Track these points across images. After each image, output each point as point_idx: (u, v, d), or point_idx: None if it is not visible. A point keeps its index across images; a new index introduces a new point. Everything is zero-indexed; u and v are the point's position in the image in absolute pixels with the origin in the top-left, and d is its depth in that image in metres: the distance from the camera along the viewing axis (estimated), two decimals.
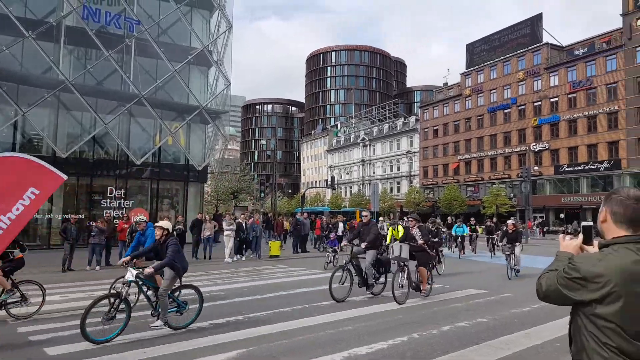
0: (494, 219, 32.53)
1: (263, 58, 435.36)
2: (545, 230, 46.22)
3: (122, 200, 27.37)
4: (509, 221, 15.87)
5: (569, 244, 2.24)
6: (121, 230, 17.36)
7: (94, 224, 16.90)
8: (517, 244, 14.49)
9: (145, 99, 27.16)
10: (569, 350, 2.18)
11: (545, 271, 2.18)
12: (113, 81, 27.96)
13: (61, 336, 7.00)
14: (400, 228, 13.71)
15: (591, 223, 2.28)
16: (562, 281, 2.05)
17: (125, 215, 22.20)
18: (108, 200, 26.92)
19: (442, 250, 15.35)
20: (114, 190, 27.34)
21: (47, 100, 25.17)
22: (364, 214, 11.44)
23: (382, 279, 10.90)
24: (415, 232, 10.68)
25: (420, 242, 10.44)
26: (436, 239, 14.20)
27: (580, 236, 2.24)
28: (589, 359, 2.00)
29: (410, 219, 11.07)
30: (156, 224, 8.03)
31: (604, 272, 1.96)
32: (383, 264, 10.82)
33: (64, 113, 26.94)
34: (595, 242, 2.19)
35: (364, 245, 10.55)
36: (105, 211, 25.66)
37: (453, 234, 22.85)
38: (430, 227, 14.99)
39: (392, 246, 10.57)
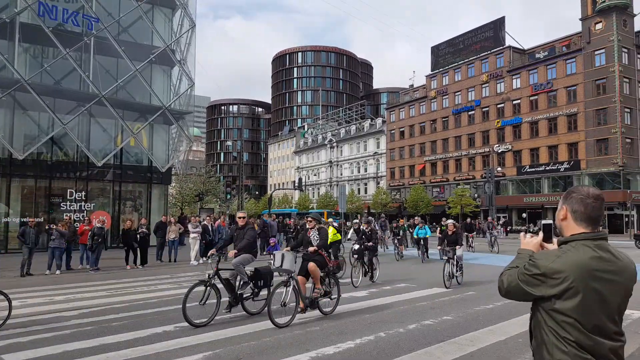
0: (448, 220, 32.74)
1: (227, 58, 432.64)
2: (508, 229, 47.28)
3: (83, 203, 26.62)
4: (448, 221, 14.43)
5: (530, 241, 2.27)
6: (82, 234, 16.95)
7: (54, 227, 16.33)
8: (458, 247, 12.98)
9: (105, 99, 26.45)
10: (530, 345, 2.19)
11: (507, 268, 2.21)
12: (72, 80, 27.12)
13: (21, 342, 6.68)
14: (331, 229, 12.76)
15: (551, 221, 2.30)
16: (523, 277, 2.07)
17: (86, 218, 21.60)
18: (68, 203, 26.14)
19: (377, 255, 13.59)
20: (74, 192, 26.57)
21: (1, 100, 24.20)
22: (239, 214, 9.32)
23: (263, 292, 8.73)
24: (313, 235, 8.71)
25: (312, 248, 8.41)
26: (370, 243, 13.26)
27: (541, 234, 2.27)
28: (548, 353, 2.03)
29: (308, 219, 8.95)
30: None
31: (563, 268, 1.99)
32: (262, 276, 8.65)
33: (20, 113, 25.97)
34: (555, 239, 2.21)
35: (232, 253, 8.67)
36: (65, 214, 25.00)
37: (415, 236, 21.43)
38: (364, 228, 14.03)
39: (275, 254, 8.55)
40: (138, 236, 17.67)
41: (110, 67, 28.02)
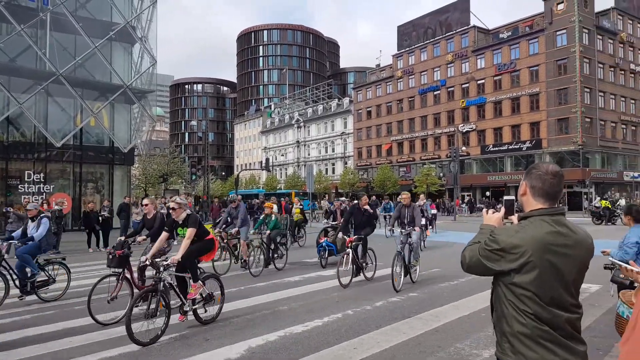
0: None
1: (189, 35, 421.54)
2: (472, 207, 48.40)
3: (42, 185, 25.76)
4: (401, 195, 10.78)
5: (491, 217, 2.33)
6: None
7: (11, 210, 15.76)
8: (414, 229, 9.83)
9: (63, 77, 25.48)
10: (492, 318, 2.24)
11: (470, 244, 2.26)
12: (27, 58, 25.95)
13: None
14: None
15: (512, 197, 2.35)
16: (483, 252, 2.13)
17: (44, 200, 20.92)
18: (26, 185, 25.23)
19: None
20: (33, 174, 25.68)
21: None
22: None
23: None
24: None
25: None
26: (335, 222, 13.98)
27: (502, 209, 2.31)
28: (508, 325, 2.09)
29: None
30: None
31: (521, 243, 2.05)
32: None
33: None
34: (516, 215, 2.27)
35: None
36: (23, 196, 24.16)
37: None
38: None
39: None
40: (100, 218, 17.28)
41: (68, 44, 26.94)
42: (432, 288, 9.22)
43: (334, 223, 13.74)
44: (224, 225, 12.20)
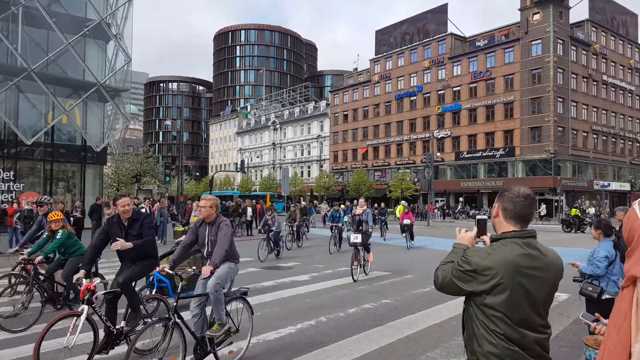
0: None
1: (165, 33, 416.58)
2: (445, 212, 49.02)
3: (12, 183, 25.13)
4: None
5: (464, 236, 2.36)
6: (11, 215, 16.04)
7: None
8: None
9: (35, 74, 24.86)
10: (462, 336, 2.29)
11: (442, 263, 2.29)
12: None
13: None
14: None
15: (485, 217, 2.39)
16: (456, 273, 2.16)
17: (14, 199, 20.45)
18: None
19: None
20: (2, 172, 25.08)
21: None
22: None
23: None
24: None
25: None
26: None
27: (475, 228, 2.35)
28: (478, 345, 2.14)
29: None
30: None
31: (493, 264, 2.09)
32: None
33: None
34: (488, 235, 2.31)
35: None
36: None
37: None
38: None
39: None
40: (72, 219, 16.92)
41: (41, 39, 26.35)
42: (404, 295, 9.30)
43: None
44: None
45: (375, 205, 29.18)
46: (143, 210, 18.86)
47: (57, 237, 7.19)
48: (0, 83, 25.13)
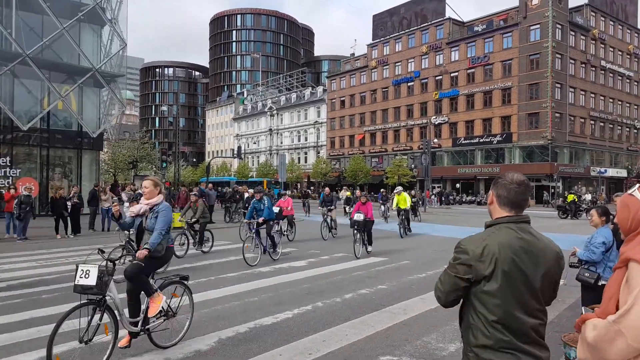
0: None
1: (159, 16, 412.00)
2: (442, 199, 49.08)
3: (8, 169, 25.02)
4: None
5: None
6: (8, 201, 16.04)
7: None
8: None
9: (30, 59, 24.69)
10: (460, 328, 2.31)
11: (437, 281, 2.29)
12: None
13: None
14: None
15: None
16: (453, 269, 2.18)
17: (11, 185, 20.40)
18: None
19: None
20: None
21: None
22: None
23: None
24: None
25: None
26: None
27: None
28: (473, 337, 2.17)
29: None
30: None
31: (488, 250, 2.12)
32: None
33: None
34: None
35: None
36: None
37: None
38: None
39: None
40: (69, 204, 16.97)
41: (35, 24, 26.08)
42: (400, 281, 9.38)
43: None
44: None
45: (383, 191, 29.19)
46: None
47: None
48: None
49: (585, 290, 5.15)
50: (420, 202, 28.50)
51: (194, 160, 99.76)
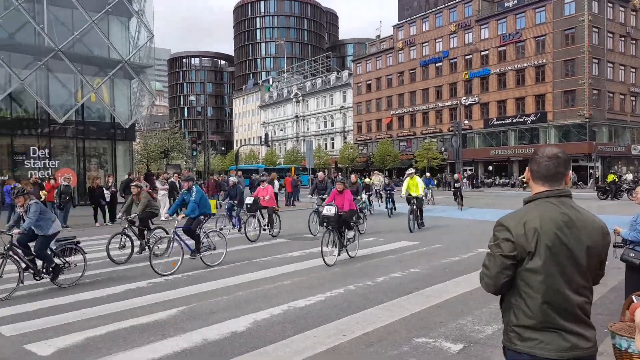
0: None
1: (185, 7, 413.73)
2: (474, 182, 48.24)
3: (47, 160, 25.96)
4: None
5: None
6: (49, 191, 16.62)
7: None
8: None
9: (62, 53, 25.27)
10: (500, 307, 2.27)
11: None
12: (26, 34, 25.66)
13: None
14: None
15: None
16: (497, 249, 2.13)
17: (51, 176, 21.10)
18: (32, 161, 25.50)
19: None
20: (37, 149, 25.87)
21: None
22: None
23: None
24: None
25: None
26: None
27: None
28: (515, 317, 2.13)
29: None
30: None
31: (530, 225, 2.08)
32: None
33: None
34: None
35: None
36: (29, 172, 24.51)
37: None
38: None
39: None
40: (107, 194, 17.50)
41: (66, 18, 26.64)
42: (433, 264, 9.33)
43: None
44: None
45: (428, 174, 27.31)
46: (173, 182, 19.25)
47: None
48: (30, 64, 25.69)
49: (630, 271, 5.02)
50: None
51: (223, 148, 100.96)
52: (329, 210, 9.35)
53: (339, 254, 9.38)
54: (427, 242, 12.02)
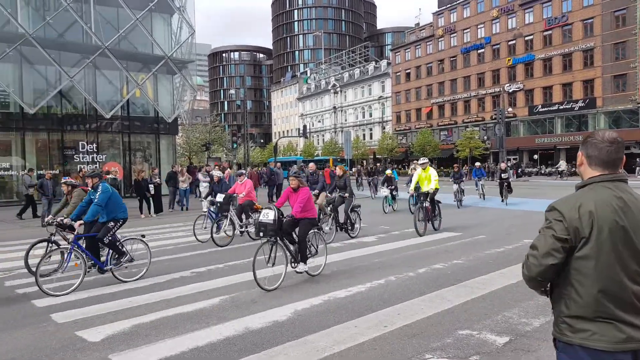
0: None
1: (223, 3, 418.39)
2: (519, 171, 46.87)
3: (95, 155, 27.11)
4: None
5: None
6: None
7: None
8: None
9: (109, 50, 26.15)
10: (550, 298, 2.18)
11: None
12: (74, 33, 26.71)
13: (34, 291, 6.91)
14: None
15: None
16: (549, 230, 2.03)
17: (100, 170, 21.94)
18: (81, 155, 26.65)
19: None
20: (86, 144, 26.99)
21: (9, 55, 24.20)
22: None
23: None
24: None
25: None
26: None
27: None
28: (566, 307, 2.04)
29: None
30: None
31: (585, 209, 1.99)
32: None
33: (27, 68, 25.88)
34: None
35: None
36: (79, 166, 25.57)
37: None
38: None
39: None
40: (152, 186, 18.00)
41: (111, 17, 27.52)
42: (477, 255, 9.13)
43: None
44: None
45: (478, 164, 24.80)
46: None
47: None
48: (78, 62, 26.70)
49: None
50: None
51: (262, 141, 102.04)
52: (266, 215, 7.03)
53: (295, 269, 7.31)
54: (469, 234, 11.78)
